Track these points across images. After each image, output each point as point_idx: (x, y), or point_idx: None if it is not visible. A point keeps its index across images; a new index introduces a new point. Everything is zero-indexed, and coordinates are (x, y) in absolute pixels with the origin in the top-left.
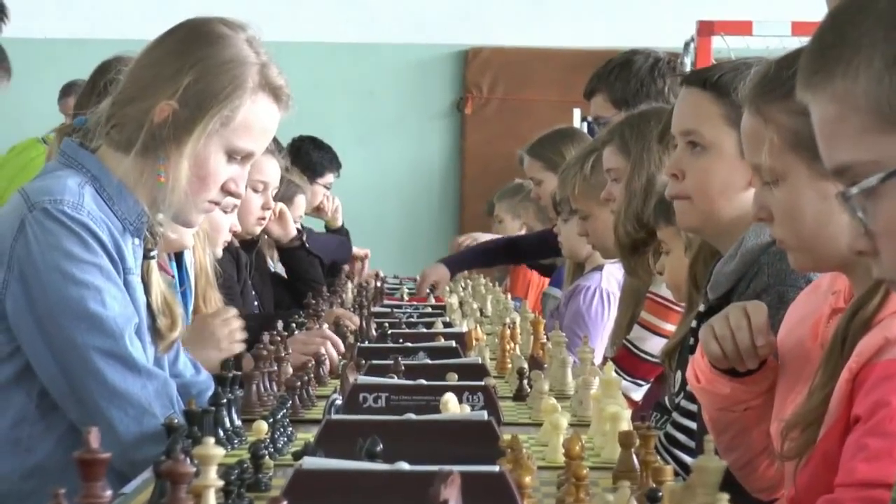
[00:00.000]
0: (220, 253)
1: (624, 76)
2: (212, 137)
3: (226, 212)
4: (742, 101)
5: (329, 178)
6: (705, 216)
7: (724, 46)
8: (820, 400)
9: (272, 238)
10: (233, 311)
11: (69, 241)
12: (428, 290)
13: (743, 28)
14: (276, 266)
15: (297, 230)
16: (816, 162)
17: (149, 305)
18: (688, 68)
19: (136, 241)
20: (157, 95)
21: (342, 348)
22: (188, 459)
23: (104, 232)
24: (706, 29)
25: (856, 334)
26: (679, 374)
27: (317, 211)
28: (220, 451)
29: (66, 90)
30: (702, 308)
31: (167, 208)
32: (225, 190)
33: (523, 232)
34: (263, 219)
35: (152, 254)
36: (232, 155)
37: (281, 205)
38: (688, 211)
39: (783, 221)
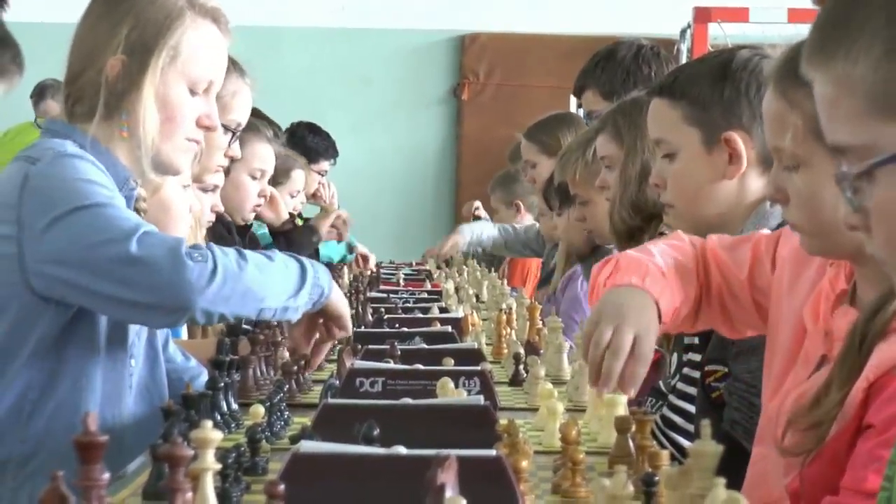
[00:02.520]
0: (203, 233)
1: (610, 67)
2: (167, 74)
3: (206, 191)
4: (765, 80)
5: (324, 164)
6: (693, 219)
7: (721, 33)
8: (835, 403)
9: (264, 221)
10: None
11: (78, 167)
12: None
13: (739, 15)
14: None
15: (290, 213)
16: None
17: None
18: (684, 55)
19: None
20: (103, 56)
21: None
22: (186, 443)
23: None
24: (703, 15)
25: (875, 337)
26: (675, 356)
27: (313, 197)
28: (217, 435)
29: (41, 92)
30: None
31: (145, 156)
32: (200, 126)
33: (519, 216)
34: (259, 205)
35: None
36: (193, 88)
37: (272, 189)
38: (675, 217)
39: (800, 206)
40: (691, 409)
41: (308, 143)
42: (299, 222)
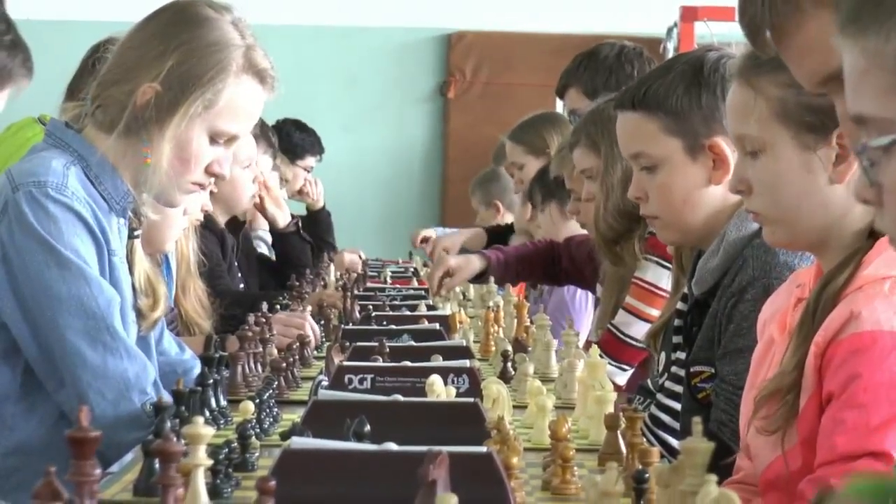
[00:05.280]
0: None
1: (592, 66)
2: (194, 120)
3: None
4: (729, 76)
5: (310, 161)
6: (679, 228)
7: (707, 32)
8: (791, 367)
9: (267, 218)
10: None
11: (52, 224)
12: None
13: (726, 14)
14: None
15: (292, 215)
16: (802, 134)
17: (133, 285)
18: (670, 53)
19: (122, 221)
20: (140, 77)
21: (318, 335)
22: (177, 438)
23: (88, 212)
24: (689, 14)
25: (826, 305)
26: (663, 355)
27: (299, 194)
28: (209, 431)
29: None
30: (685, 305)
31: (149, 189)
32: (209, 172)
33: (499, 216)
34: (256, 194)
35: (136, 233)
36: (215, 137)
37: (274, 187)
38: (662, 228)
39: (763, 192)
40: (679, 407)
41: (294, 139)
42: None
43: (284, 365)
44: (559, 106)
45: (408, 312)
